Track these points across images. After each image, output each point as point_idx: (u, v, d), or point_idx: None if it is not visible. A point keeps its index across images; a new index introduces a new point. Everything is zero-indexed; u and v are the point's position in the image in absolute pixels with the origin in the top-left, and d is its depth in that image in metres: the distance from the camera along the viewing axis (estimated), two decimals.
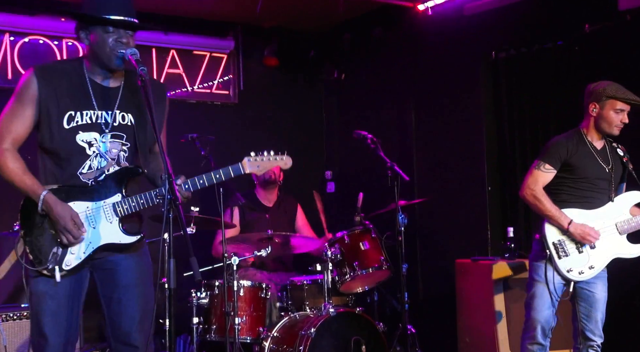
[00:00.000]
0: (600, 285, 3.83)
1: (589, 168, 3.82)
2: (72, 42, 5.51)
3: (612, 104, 3.77)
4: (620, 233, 3.81)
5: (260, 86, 6.40)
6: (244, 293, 4.56)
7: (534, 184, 3.84)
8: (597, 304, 3.82)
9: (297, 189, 5.84)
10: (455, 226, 5.55)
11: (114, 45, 2.83)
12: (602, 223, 3.80)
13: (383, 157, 4.75)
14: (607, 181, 3.84)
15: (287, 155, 3.13)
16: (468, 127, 5.52)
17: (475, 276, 4.83)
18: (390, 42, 6.15)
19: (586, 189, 3.83)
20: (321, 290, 4.59)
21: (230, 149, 5.91)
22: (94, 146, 2.87)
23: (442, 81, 5.76)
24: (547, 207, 3.79)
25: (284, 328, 4.54)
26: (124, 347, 2.91)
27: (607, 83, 3.83)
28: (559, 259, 3.77)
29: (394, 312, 5.25)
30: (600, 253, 3.78)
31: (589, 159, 3.83)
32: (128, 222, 2.93)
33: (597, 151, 3.86)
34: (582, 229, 3.74)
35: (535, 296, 3.83)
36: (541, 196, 3.81)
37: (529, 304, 3.87)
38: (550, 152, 3.86)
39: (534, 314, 3.83)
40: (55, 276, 2.81)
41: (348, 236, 4.76)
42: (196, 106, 6.06)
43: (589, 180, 3.82)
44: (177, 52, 5.97)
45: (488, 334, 4.65)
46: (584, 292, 3.82)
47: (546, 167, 3.84)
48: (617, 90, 3.77)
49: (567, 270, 3.76)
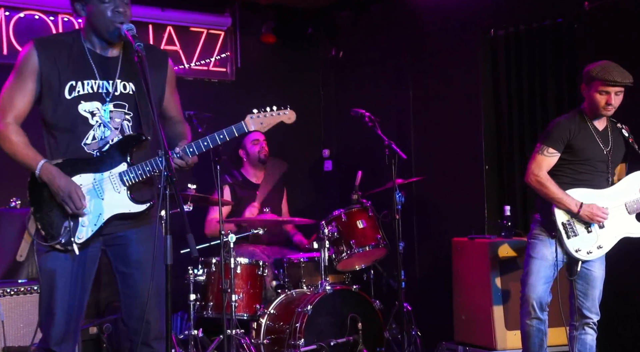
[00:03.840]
0: (599, 263, 3.84)
1: (590, 150, 3.79)
2: (67, 18, 5.45)
3: (597, 86, 3.71)
4: (629, 212, 3.80)
5: (257, 63, 6.35)
6: (240, 270, 4.57)
7: (537, 169, 3.79)
8: (595, 282, 3.83)
9: (294, 168, 5.82)
10: (452, 204, 5.55)
11: (112, 16, 2.82)
12: (611, 203, 3.79)
13: (381, 135, 4.74)
14: (605, 163, 3.82)
15: (290, 110, 3.07)
16: (466, 106, 5.50)
17: (471, 254, 4.84)
18: (388, 20, 6.10)
19: (586, 172, 3.81)
20: (318, 268, 4.61)
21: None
22: (96, 116, 2.86)
23: (440, 59, 5.72)
24: (553, 191, 3.75)
25: (280, 305, 4.56)
26: (137, 323, 2.91)
27: (599, 64, 3.75)
28: (568, 239, 3.76)
29: (391, 290, 5.27)
30: (609, 233, 3.78)
31: (590, 141, 3.79)
32: (136, 190, 2.91)
33: (598, 132, 3.82)
34: (589, 209, 3.72)
35: (532, 272, 3.84)
36: (546, 181, 3.77)
37: (524, 281, 3.88)
38: (552, 135, 3.80)
39: (529, 290, 3.84)
40: (72, 249, 2.81)
41: (345, 214, 4.77)
42: (193, 83, 6.02)
43: (589, 162, 3.80)
44: (174, 29, 5.91)
45: (484, 311, 4.67)
46: (582, 270, 3.83)
47: (550, 151, 3.79)
48: (602, 71, 3.68)
49: (575, 250, 3.76)
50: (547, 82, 5.05)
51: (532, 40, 5.14)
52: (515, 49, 5.25)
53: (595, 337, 3.87)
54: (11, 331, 4.12)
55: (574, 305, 3.86)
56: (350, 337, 4.39)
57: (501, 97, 5.36)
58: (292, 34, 6.47)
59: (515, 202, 5.11)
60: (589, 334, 3.86)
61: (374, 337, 4.52)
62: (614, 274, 3.99)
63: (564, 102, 4.92)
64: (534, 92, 5.14)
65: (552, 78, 5.03)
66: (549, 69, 5.05)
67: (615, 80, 3.65)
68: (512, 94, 5.29)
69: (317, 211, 5.39)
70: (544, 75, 5.08)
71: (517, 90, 5.25)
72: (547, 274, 3.82)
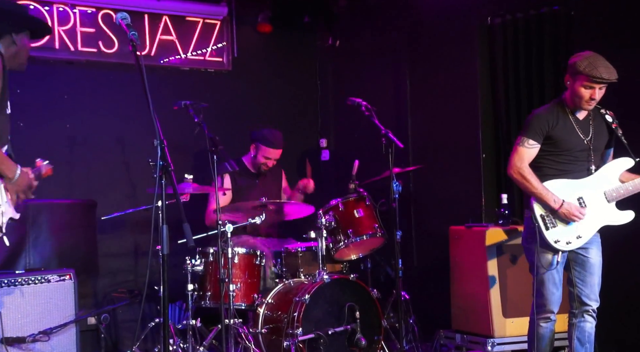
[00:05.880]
0: (595, 249, 3.84)
1: (569, 141, 3.79)
2: (62, 8, 5.44)
3: (582, 80, 3.69)
4: (608, 201, 3.80)
5: (254, 53, 6.33)
6: (238, 260, 4.58)
7: (519, 161, 3.80)
8: (593, 268, 3.82)
9: (291, 157, 5.82)
10: (449, 193, 5.55)
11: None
12: (590, 191, 3.79)
13: (377, 124, 4.73)
14: (586, 151, 3.81)
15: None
16: (463, 94, 5.49)
17: (468, 242, 4.84)
18: (385, 8, 6.08)
19: (567, 162, 3.81)
20: (315, 257, 4.61)
21: (224, 116, 5.89)
22: None
23: (437, 47, 5.71)
24: (534, 185, 3.76)
25: (278, 295, 4.57)
26: None
27: (585, 56, 3.72)
28: (547, 231, 3.76)
29: (388, 279, 5.28)
30: (589, 222, 3.78)
31: (570, 131, 3.79)
32: None
33: (578, 122, 3.82)
34: (568, 208, 3.72)
35: (544, 281, 3.81)
36: (527, 173, 3.78)
37: (538, 291, 3.83)
38: (532, 127, 3.80)
39: (545, 300, 3.83)
40: None
41: (342, 204, 4.77)
42: (189, 73, 6.01)
43: (570, 152, 3.80)
44: (170, 19, 5.88)
45: (481, 299, 4.68)
46: (579, 257, 3.83)
47: (530, 143, 3.80)
48: (589, 65, 3.65)
49: (554, 241, 3.76)
50: (544, 69, 5.04)
51: (529, 27, 5.13)
52: (512, 37, 5.23)
53: (594, 325, 3.86)
54: (9, 321, 4.12)
55: (572, 292, 3.85)
56: (348, 326, 4.40)
57: (498, 85, 5.35)
58: (289, 23, 6.44)
59: (512, 190, 5.10)
60: (587, 322, 3.85)
61: (372, 326, 4.52)
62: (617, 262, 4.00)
63: (561, 90, 4.86)
64: (531, 80, 5.13)
65: (549, 66, 5.02)
66: (546, 57, 5.03)
67: (602, 77, 3.64)
68: (509, 82, 5.28)
69: (315, 201, 5.39)
70: (541, 62, 5.07)
71: (515, 78, 5.24)
72: (556, 279, 3.82)
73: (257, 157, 5.29)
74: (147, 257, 5.43)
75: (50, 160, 3.48)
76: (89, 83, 5.56)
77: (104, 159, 5.52)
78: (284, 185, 5.60)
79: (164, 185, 2.73)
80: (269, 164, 5.29)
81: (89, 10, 5.55)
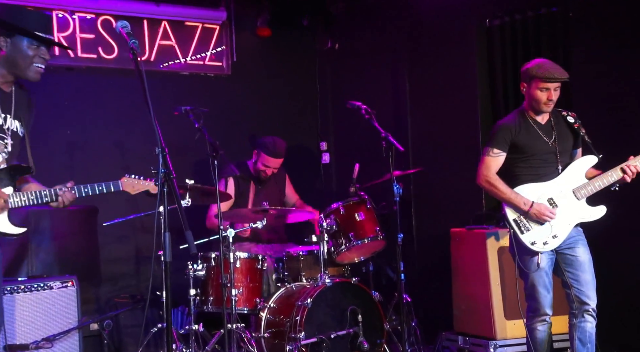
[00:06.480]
0: (582, 247, 3.89)
1: (534, 145, 3.91)
2: (62, 14, 5.44)
3: (537, 83, 3.85)
4: (578, 198, 3.88)
5: (253, 57, 6.34)
6: (240, 265, 4.59)
7: (486, 170, 3.95)
8: (583, 266, 3.86)
9: (292, 160, 5.82)
10: (450, 195, 5.56)
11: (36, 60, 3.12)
12: (559, 191, 3.88)
13: (377, 127, 4.73)
14: (553, 153, 3.91)
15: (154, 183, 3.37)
16: (462, 96, 5.50)
17: (470, 245, 4.85)
18: (384, 11, 6.09)
19: (537, 166, 3.91)
20: (317, 261, 4.62)
21: (224, 120, 5.90)
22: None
23: (436, 49, 5.72)
24: (503, 190, 3.89)
25: (280, 299, 4.58)
26: None
27: (535, 62, 3.93)
28: (522, 234, 3.85)
29: (390, 282, 5.29)
30: (562, 221, 3.85)
31: (533, 137, 3.92)
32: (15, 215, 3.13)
33: (540, 127, 3.94)
34: (538, 208, 3.81)
35: (535, 284, 3.86)
36: (495, 180, 3.92)
37: (531, 295, 3.90)
38: (496, 137, 3.95)
39: (539, 304, 3.87)
40: None
41: (343, 207, 4.78)
42: (189, 78, 6.02)
43: (537, 156, 3.91)
44: (169, 24, 5.89)
45: (483, 301, 4.69)
46: (567, 258, 3.88)
47: (494, 152, 3.95)
48: (540, 68, 3.84)
49: (531, 243, 3.84)
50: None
51: (527, 29, 5.14)
52: (511, 38, 5.24)
53: (594, 324, 3.87)
54: (12, 329, 4.12)
55: (569, 294, 3.88)
56: (350, 330, 4.41)
57: (497, 86, 5.36)
58: (288, 27, 6.45)
59: None
60: (588, 322, 3.87)
61: (374, 329, 4.53)
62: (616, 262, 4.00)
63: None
64: None
65: None
66: (545, 58, 5.02)
67: (554, 76, 3.82)
68: (508, 83, 5.29)
69: (315, 204, 5.40)
70: None
71: (513, 80, 5.24)
72: (546, 282, 3.86)
73: (257, 164, 5.31)
74: (149, 263, 5.44)
75: (50, 166, 3.49)
76: (89, 89, 5.56)
77: (104, 165, 5.51)
78: (289, 190, 5.59)
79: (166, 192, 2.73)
80: (268, 172, 5.30)
81: (89, 16, 5.56)
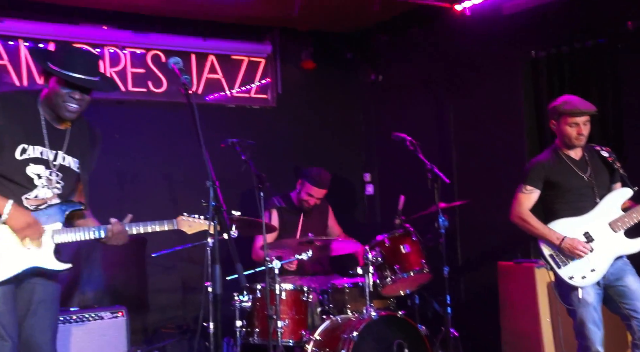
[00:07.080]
0: (630, 276, 3.86)
1: (569, 181, 3.93)
2: (113, 50, 5.60)
3: (565, 119, 3.91)
4: (615, 231, 3.84)
5: (297, 89, 6.42)
6: (286, 296, 4.58)
7: (519, 207, 4.02)
8: (636, 294, 3.82)
9: (335, 192, 5.84)
10: (496, 228, 5.46)
11: (67, 99, 3.09)
12: (595, 225, 3.84)
13: (422, 159, 4.73)
14: (590, 188, 3.92)
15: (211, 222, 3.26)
16: (508, 128, 5.46)
17: (518, 279, 4.78)
18: (427, 43, 6.11)
19: (574, 201, 3.92)
20: (362, 293, 4.59)
21: (270, 152, 5.95)
22: (42, 178, 3.12)
23: (481, 81, 5.71)
24: (535, 226, 3.94)
25: (326, 331, 4.55)
26: None
27: (561, 99, 3.99)
28: (559, 269, 3.84)
29: (436, 316, 5.22)
30: (600, 255, 3.81)
31: (568, 172, 3.94)
32: (61, 251, 3.15)
33: (574, 162, 3.97)
34: (570, 243, 3.80)
35: (584, 321, 3.80)
36: (527, 217, 3.97)
37: (580, 332, 3.85)
38: (529, 174, 4.01)
39: (589, 341, 3.81)
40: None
41: (389, 239, 4.76)
42: (235, 110, 6.12)
43: (574, 191, 3.92)
44: (216, 57, 6.03)
45: (533, 336, 4.60)
46: (618, 290, 3.85)
47: (527, 189, 4.00)
48: (567, 105, 3.91)
49: (569, 277, 3.82)
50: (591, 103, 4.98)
51: (574, 61, 5.09)
52: (557, 70, 5.20)
53: None
54: None
55: (630, 326, 3.82)
56: None
57: (544, 118, 5.30)
58: (331, 59, 6.54)
59: None
60: None
61: None
62: None
63: (607, 124, 4.85)
64: None
65: (595, 99, 4.92)
66: (592, 91, 4.98)
67: (581, 110, 3.88)
68: None
69: (360, 236, 5.38)
70: (586, 96, 4.94)
71: None
72: (595, 318, 3.81)
73: (300, 193, 5.33)
74: (195, 293, 5.49)
75: (101, 198, 3.56)
76: (139, 121, 5.69)
77: (153, 196, 5.61)
78: (331, 222, 5.60)
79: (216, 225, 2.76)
80: (311, 202, 5.31)
81: (139, 51, 5.72)
